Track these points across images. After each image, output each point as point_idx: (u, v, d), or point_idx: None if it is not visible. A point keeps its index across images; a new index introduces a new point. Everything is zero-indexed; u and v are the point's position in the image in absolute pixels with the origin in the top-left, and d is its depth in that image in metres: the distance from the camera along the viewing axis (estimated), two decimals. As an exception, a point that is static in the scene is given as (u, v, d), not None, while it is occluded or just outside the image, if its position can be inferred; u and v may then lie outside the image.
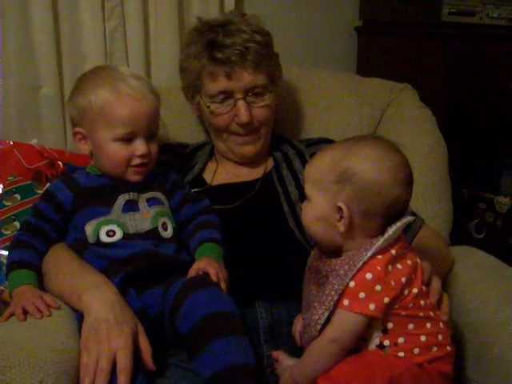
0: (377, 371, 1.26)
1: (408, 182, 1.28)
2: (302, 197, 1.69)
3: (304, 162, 1.79)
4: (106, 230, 1.50)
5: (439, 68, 2.48)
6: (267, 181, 1.78)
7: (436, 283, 1.36)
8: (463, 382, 1.49)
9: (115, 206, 1.52)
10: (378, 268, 1.25)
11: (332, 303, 1.25)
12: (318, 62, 2.68)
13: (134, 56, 2.35)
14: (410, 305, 1.28)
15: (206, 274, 1.44)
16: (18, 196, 2.17)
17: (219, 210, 1.67)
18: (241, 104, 1.69)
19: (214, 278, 1.42)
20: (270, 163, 1.83)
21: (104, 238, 1.50)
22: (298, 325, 1.45)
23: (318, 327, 1.28)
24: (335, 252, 1.32)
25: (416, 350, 1.29)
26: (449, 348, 1.34)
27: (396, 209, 1.28)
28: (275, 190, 1.75)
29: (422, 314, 1.30)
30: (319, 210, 1.30)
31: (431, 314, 1.32)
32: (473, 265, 1.70)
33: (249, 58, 1.67)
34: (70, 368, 1.30)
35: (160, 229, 1.54)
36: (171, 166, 1.75)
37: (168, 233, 1.55)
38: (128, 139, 1.52)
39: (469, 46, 2.53)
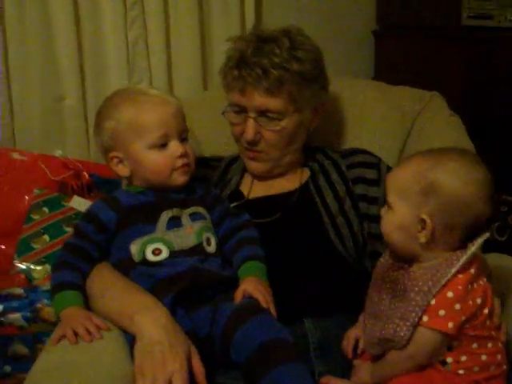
0: None
1: (491, 198, 1.29)
2: (342, 209, 1.71)
3: (340, 174, 1.78)
4: (152, 249, 1.49)
5: (458, 72, 2.49)
6: (305, 192, 1.76)
7: (497, 303, 1.37)
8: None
9: (159, 224, 1.51)
10: (460, 287, 1.25)
11: (417, 319, 1.26)
12: (335, 67, 2.67)
13: (156, 67, 2.35)
14: (479, 325, 1.29)
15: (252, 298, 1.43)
16: (45, 209, 2.18)
17: (258, 224, 1.65)
18: (249, 122, 1.67)
19: (263, 304, 1.42)
20: (306, 174, 1.81)
21: (150, 257, 1.48)
22: (351, 339, 1.45)
23: (404, 342, 1.28)
24: (410, 260, 1.33)
25: (476, 369, 1.30)
26: (504, 367, 1.34)
27: (477, 224, 1.29)
28: (313, 201, 1.73)
29: (487, 333, 1.31)
30: (401, 219, 1.31)
31: (493, 333, 1.32)
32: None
33: (263, 84, 1.63)
34: (127, 394, 1.30)
35: (204, 244, 1.53)
36: (209, 181, 1.74)
37: (212, 248, 1.54)
38: (162, 144, 1.51)
39: (487, 48, 2.53)
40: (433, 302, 1.26)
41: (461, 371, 1.30)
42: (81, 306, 1.46)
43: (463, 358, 1.30)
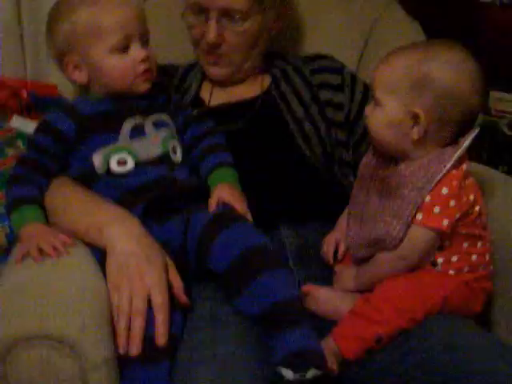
0: (431, 291, 1.25)
1: (484, 91, 1.25)
2: (308, 114, 1.66)
3: (304, 79, 1.71)
4: (117, 159, 1.39)
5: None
6: (268, 98, 1.69)
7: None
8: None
9: (122, 132, 1.40)
10: (454, 183, 1.22)
11: (411, 217, 1.22)
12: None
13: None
14: (470, 223, 1.27)
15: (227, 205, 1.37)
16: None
17: (223, 132, 1.58)
18: (210, 23, 1.57)
19: (240, 211, 1.36)
20: (267, 80, 1.73)
21: (115, 168, 1.38)
22: (330, 244, 1.42)
23: (397, 241, 1.24)
24: (398, 158, 1.29)
25: (466, 269, 1.29)
26: (491, 267, 1.34)
27: (470, 118, 1.25)
28: (277, 107, 1.66)
29: (477, 232, 1.29)
30: (392, 116, 1.25)
31: (482, 233, 1.31)
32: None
33: None
34: (105, 308, 1.21)
35: (171, 153, 1.44)
36: (167, 88, 1.64)
37: (178, 156, 1.46)
38: (124, 48, 1.40)
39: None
40: (427, 198, 1.22)
41: (451, 271, 1.28)
42: (42, 221, 1.35)
43: (454, 258, 1.28)
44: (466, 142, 1.24)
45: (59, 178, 1.43)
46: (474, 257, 1.29)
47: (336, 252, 1.43)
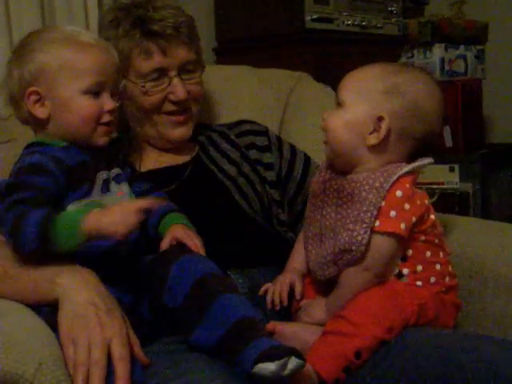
0: (405, 300, 1.21)
1: (443, 117, 1.29)
2: (241, 172, 1.65)
3: (230, 142, 1.71)
4: None
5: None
6: (198, 163, 1.66)
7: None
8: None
9: (96, 186, 1.32)
10: (407, 185, 1.21)
11: (373, 219, 1.18)
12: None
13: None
14: (429, 230, 1.25)
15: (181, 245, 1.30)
16: None
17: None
18: (177, 81, 1.58)
19: (194, 248, 1.29)
20: (195, 148, 1.72)
21: None
22: (284, 284, 1.35)
23: (363, 248, 1.19)
24: (351, 169, 1.27)
25: (432, 279, 1.26)
26: (456, 280, 1.31)
27: (429, 140, 1.27)
28: (209, 169, 1.65)
29: (437, 241, 1.27)
30: (354, 117, 1.25)
31: (441, 243, 1.29)
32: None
33: (183, 31, 1.58)
34: (59, 353, 1.09)
35: None
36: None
37: None
38: (96, 92, 1.34)
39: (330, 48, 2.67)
40: (382, 203, 1.20)
41: (418, 282, 1.25)
42: None
43: (419, 268, 1.25)
44: (426, 160, 1.26)
45: None
46: (438, 266, 1.27)
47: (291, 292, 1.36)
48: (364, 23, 2.83)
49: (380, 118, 1.23)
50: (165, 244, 1.30)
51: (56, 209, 1.22)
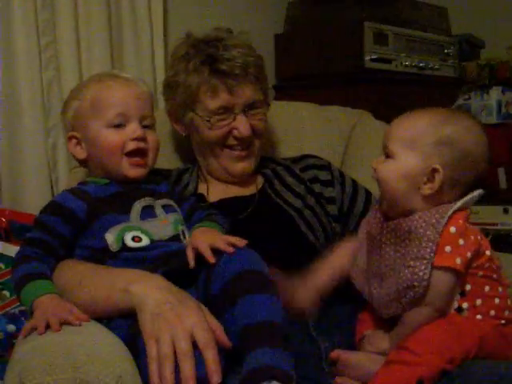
0: (466, 332, 1.23)
1: (490, 160, 1.32)
2: (306, 204, 1.70)
3: (295, 176, 1.77)
4: (131, 236, 1.37)
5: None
6: (264, 196, 1.73)
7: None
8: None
9: (133, 213, 1.40)
10: (460, 221, 1.25)
11: (432, 254, 1.22)
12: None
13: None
14: (486, 265, 1.28)
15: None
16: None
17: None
18: (241, 118, 1.65)
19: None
20: (260, 181, 1.78)
21: (131, 244, 1.37)
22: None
23: (425, 283, 1.23)
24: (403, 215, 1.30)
25: (492, 313, 1.28)
26: None
27: (479, 182, 1.31)
28: (275, 202, 1.70)
29: (495, 275, 1.30)
30: (407, 169, 1.29)
31: (500, 278, 1.32)
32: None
33: (251, 71, 1.65)
34: (134, 363, 1.16)
35: (181, 236, 1.44)
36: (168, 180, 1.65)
37: (187, 242, 1.43)
38: (119, 124, 1.43)
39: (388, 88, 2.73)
40: (439, 239, 1.23)
41: (479, 316, 1.27)
42: (56, 294, 1.29)
43: (478, 302, 1.28)
44: (476, 193, 1.29)
45: (65, 260, 1.39)
46: (497, 300, 1.29)
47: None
48: (421, 64, 2.91)
49: (434, 170, 1.27)
50: (189, 257, 1.34)
51: (67, 242, 1.38)
